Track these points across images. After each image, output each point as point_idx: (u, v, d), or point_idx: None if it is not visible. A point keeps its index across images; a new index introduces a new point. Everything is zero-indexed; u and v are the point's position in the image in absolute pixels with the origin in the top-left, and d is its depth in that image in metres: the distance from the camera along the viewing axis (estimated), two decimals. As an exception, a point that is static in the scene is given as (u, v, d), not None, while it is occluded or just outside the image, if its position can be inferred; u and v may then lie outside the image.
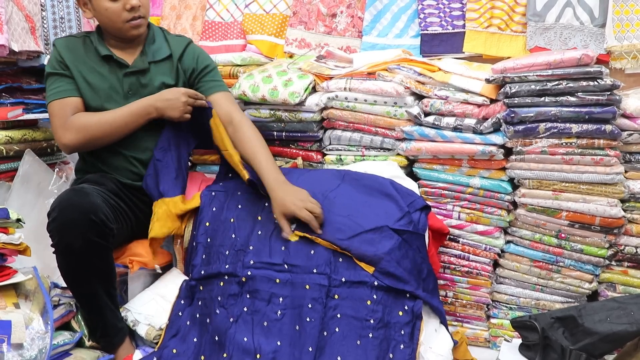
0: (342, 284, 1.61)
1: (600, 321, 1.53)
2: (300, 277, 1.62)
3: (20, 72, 2.43)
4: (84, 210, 1.59)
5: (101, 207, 1.63)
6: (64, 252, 1.63)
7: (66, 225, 1.59)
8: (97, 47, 1.90)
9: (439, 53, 2.29)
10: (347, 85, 2.03)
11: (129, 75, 1.91)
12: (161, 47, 1.97)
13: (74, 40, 1.92)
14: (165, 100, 1.85)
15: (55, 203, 1.63)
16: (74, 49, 1.90)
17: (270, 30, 2.47)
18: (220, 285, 1.69)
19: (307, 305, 1.59)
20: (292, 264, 1.65)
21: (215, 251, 1.75)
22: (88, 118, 1.84)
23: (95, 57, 1.90)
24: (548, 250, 1.89)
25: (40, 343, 1.57)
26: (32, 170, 2.14)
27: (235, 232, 1.76)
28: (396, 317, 1.58)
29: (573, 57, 1.78)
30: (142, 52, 1.94)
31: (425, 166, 2.00)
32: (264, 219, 1.76)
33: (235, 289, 1.67)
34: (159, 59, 1.95)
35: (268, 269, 1.65)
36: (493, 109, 1.89)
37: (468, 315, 2.02)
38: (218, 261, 1.73)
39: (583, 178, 1.80)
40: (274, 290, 1.63)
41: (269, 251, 1.68)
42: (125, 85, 1.91)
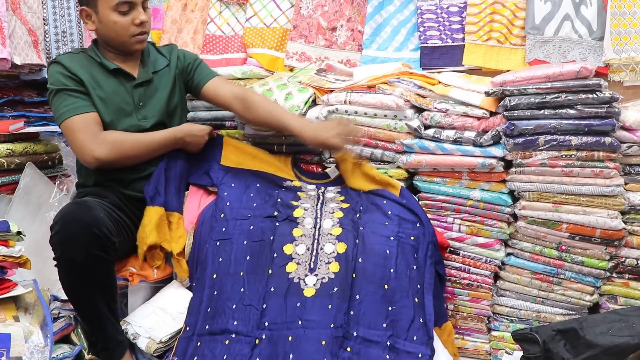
0: (355, 338, 1.57)
1: (602, 334, 1.52)
2: (317, 333, 1.56)
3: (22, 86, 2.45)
4: (87, 224, 1.59)
5: (104, 221, 1.63)
6: (66, 265, 1.63)
7: (69, 239, 1.59)
8: (102, 62, 1.91)
9: (438, 66, 2.30)
10: (347, 99, 2.04)
11: (138, 87, 1.94)
12: (157, 58, 2.03)
13: (76, 57, 1.92)
14: (193, 136, 1.99)
15: (58, 216, 1.63)
16: (80, 63, 1.89)
17: (270, 44, 2.49)
18: (225, 344, 1.60)
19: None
20: (308, 319, 1.58)
21: (222, 305, 1.67)
22: (123, 136, 1.88)
23: (101, 72, 1.91)
24: (549, 262, 1.89)
25: (39, 356, 1.56)
26: (33, 183, 2.15)
27: (245, 287, 1.68)
28: None
29: (572, 70, 1.79)
30: (142, 63, 1.98)
31: (425, 179, 2.00)
32: (275, 272, 1.69)
33: (245, 349, 1.58)
34: (159, 69, 2.01)
35: (282, 329, 1.59)
36: (493, 122, 1.90)
37: (469, 327, 2.02)
38: (224, 315, 1.65)
39: (583, 190, 1.80)
40: (287, 349, 1.55)
41: (284, 310, 1.62)
42: (135, 97, 1.94)
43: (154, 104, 1.97)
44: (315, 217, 1.81)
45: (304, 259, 1.71)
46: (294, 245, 1.74)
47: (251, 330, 1.60)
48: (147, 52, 2.01)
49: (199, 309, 1.71)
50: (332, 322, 1.57)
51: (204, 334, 1.66)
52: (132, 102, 1.93)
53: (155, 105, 1.97)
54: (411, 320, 1.62)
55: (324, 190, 1.96)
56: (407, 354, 1.57)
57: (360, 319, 1.60)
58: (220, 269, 1.75)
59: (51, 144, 2.40)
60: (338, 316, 1.58)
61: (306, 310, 1.60)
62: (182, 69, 2.07)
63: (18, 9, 2.27)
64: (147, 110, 1.96)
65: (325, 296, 1.62)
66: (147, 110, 1.96)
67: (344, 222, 1.78)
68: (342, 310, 1.59)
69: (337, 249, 1.71)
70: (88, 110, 1.85)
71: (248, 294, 1.66)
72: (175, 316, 1.78)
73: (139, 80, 1.95)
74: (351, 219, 1.78)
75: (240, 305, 1.65)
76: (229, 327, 1.62)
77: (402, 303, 1.64)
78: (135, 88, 1.94)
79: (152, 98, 1.97)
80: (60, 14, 2.52)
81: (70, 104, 1.84)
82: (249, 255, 1.75)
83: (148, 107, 1.96)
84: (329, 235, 1.75)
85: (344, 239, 1.73)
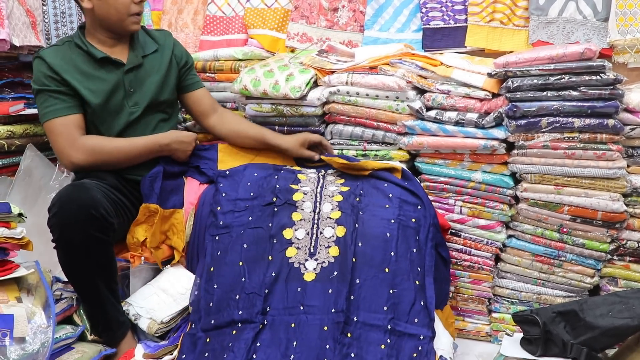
0: (355, 323, 1.57)
1: (602, 315, 1.53)
2: (319, 319, 1.56)
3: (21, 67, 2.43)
4: (84, 205, 1.59)
5: (101, 202, 1.63)
6: (65, 247, 1.63)
7: (66, 221, 1.59)
8: (90, 51, 1.86)
9: (441, 47, 2.28)
10: (348, 80, 2.03)
11: (128, 73, 1.91)
12: (146, 42, 1.99)
13: (61, 49, 1.87)
14: (180, 143, 1.94)
15: (55, 198, 1.63)
16: (64, 58, 1.84)
17: (271, 25, 2.46)
18: (232, 334, 1.60)
19: (325, 347, 1.52)
20: (309, 305, 1.59)
21: (226, 297, 1.67)
22: (102, 142, 1.85)
23: (89, 62, 1.87)
24: (550, 244, 1.89)
25: (42, 337, 1.57)
26: (33, 165, 2.15)
27: (245, 276, 1.68)
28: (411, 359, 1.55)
29: (576, 51, 1.77)
30: (132, 47, 1.94)
31: (427, 160, 1.99)
32: (275, 258, 1.69)
33: (249, 335, 1.58)
34: (149, 52, 1.97)
35: (284, 315, 1.59)
36: (495, 103, 1.89)
37: (470, 309, 2.03)
38: (229, 307, 1.65)
39: (585, 172, 1.79)
40: (290, 336, 1.55)
41: (285, 295, 1.62)
42: (126, 83, 1.90)
43: (145, 90, 1.93)
44: (314, 200, 1.80)
45: (303, 244, 1.71)
46: (293, 229, 1.74)
47: (255, 317, 1.60)
48: (136, 35, 1.96)
49: (200, 305, 1.70)
50: (332, 307, 1.58)
51: (210, 329, 1.65)
52: (123, 88, 1.90)
53: (146, 90, 1.94)
54: (412, 303, 1.63)
55: (324, 173, 1.95)
56: (408, 336, 1.58)
57: (360, 303, 1.60)
58: (219, 262, 1.74)
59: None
60: (339, 301, 1.58)
61: (307, 295, 1.61)
62: (182, 62, 2.05)
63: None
64: (138, 96, 1.92)
65: (325, 280, 1.62)
66: (138, 96, 1.92)
67: (344, 206, 1.77)
68: (342, 294, 1.59)
69: (337, 232, 1.71)
70: (68, 112, 1.82)
71: (249, 282, 1.66)
72: (176, 297, 1.79)
73: (128, 66, 1.91)
74: (351, 202, 1.78)
75: (243, 294, 1.65)
76: (235, 318, 1.63)
77: (403, 286, 1.64)
78: (125, 74, 1.90)
79: (143, 83, 1.94)
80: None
81: (50, 105, 1.81)
82: (246, 243, 1.74)
83: (139, 93, 1.92)
84: (329, 219, 1.74)
85: (343, 223, 1.72)
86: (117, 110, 1.89)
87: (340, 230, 1.71)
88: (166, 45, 2.02)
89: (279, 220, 1.75)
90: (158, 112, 1.99)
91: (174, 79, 2.02)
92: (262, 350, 1.54)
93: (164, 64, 1.99)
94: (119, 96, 1.89)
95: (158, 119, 1.99)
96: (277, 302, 1.62)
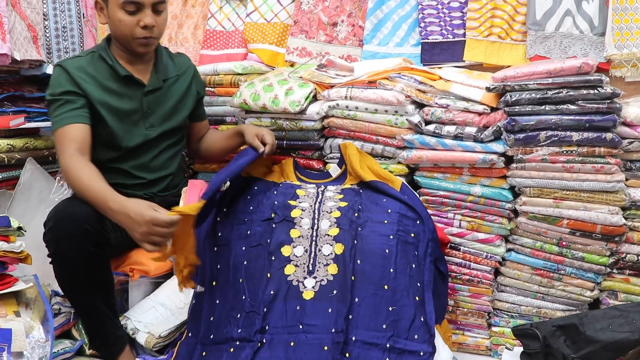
0: (354, 342, 1.56)
1: (602, 329, 1.53)
2: (318, 338, 1.55)
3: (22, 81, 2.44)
4: (79, 220, 1.58)
5: (97, 216, 1.61)
6: (60, 262, 1.63)
7: (61, 236, 1.58)
8: (114, 66, 1.84)
9: (439, 62, 2.29)
10: (348, 94, 2.03)
11: (148, 95, 1.90)
12: (168, 65, 1.98)
13: (83, 61, 1.84)
14: (126, 217, 1.52)
15: (51, 213, 1.63)
16: (86, 70, 1.82)
17: (271, 39, 2.48)
18: (230, 352, 1.60)
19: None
20: (308, 324, 1.58)
21: (226, 314, 1.67)
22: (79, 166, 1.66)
23: (111, 77, 1.85)
24: (549, 258, 1.89)
25: (40, 351, 1.56)
26: (33, 179, 2.14)
27: (245, 294, 1.67)
28: None
29: (573, 66, 1.78)
30: (155, 68, 1.93)
31: (426, 174, 2.00)
32: (273, 275, 1.68)
33: (247, 353, 1.57)
34: (169, 77, 1.97)
35: (283, 334, 1.58)
36: (494, 117, 1.89)
37: (469, 323, 2.02)
38: (229, 325, 1.65)
39: (584, 186, 1.80)
40: (289, 355, 1.54)
41: (284, 313, 1.61)
42: (144, 105, 1.89)
43: (160, 112, 1.93)
44: (312, 217, 1.79)
45: (302, 261, 1.70)
46: (291, 247, 1.73)
47: (253, 335, 1.59)
48: (160, 56, 1.95)
49: (201, 316, 1.70)
50: (333, 327, 1.56)
51: (208, 343, 1.65)
52: (140, 109, 1.89)
53: (162, 114, 1.94)
54: (412, 319, 1.62)
55: (324, 189, 1.95)
56: (408, 353, 1.57)
57: (359, 323, 1.59)
58: (220, 277, 1.73)
59: (52, 140, 2.39)
60: (339, 320, 1.57)
61: (306, 314, 1.60)
62: (200, 91, 2.10)
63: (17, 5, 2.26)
64: (154, 119, 1.92)
65: (324, 299, 1.61)
66: (154, 119, 1.92)
67: (342, 222, 1.76)
68: (342, 314, 1.58)
69: (335, 250, 1.70)
70: (71, 122, 1.74)
71: (249, 301, 1.65)
72: (174, 311, 1.78)
73: (149, 88, 1.90)
74: (349, 218, 1.77)
75: (244, 313, 1.64)
76: (233, 335, 1.62)
77: (402, 302, 1.64)
78: (145, 95, 1.90)
79: (160, 106, 1.93)
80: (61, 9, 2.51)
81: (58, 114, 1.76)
82: (246, 260, 1.73)
83: (155, 115, 1.92)
84: (327, 237, 1.74)
85: (342, 240, 1.72)
86: (132, 129, 1.88)
87: (338, 247, 1.70)
88: (187, 73, 2.03)
89: (277, 237, 1.74)
90: (169, 136, 1.98)
91: (188, 108, 2.04)
92: None
93: (182, 91, 1.99)
94: (136, 116, 1.88)
95: (167, 143, 1.98)
96: (276, 320, 1.61)
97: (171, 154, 2.01)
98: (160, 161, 1.97)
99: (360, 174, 1.92)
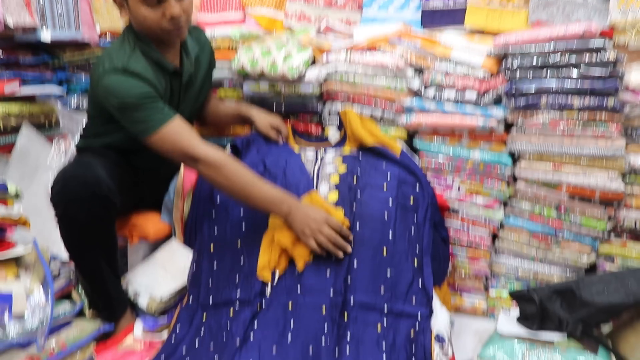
0: (351, 305, 1.57)
1: (598, 293, 1.54)
2: (317, 300, 1.56)
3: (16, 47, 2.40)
4: (88, 183, 1.59)
5: (105, 181, 1.62)
6: (67, 224, 1.63)
7: (70, 198, 1.59)
8: (161, 62, 1.73)
9: (440, 26, 2.25)
10: (347, 59, 2.01)
11: (184, 85, 1.85)
12: (190, 44, 1.86)
13: (138, 58, 1.69)
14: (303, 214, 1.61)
15: (59, 175, 1.63)
16: (145, 66, 1.69)
17: (269, 4, 2.44)
18: (230, 314, 1.61)
19: (322, 328, 1.52)
20: (307, 287, 1.58)
21: (225, 277, 1.68)
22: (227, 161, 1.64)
23: (160, 70, 1.74)
24: (547, 223, 1.90)
25: (41, 314, 1.57)
26: (30, 144, 2.13)
27: (244, 257, 1.69)
28: (409, 337, 1.55)
29: (576, 31, 1.76)
30: (184, 52, 1.82)
31: (425, 139, 1.99)
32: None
33: (246, 315, 1.58)
34: (196, 57, 1.90)
35: (282, 295, 1.59)
36: (494, 83, 1.88)
37: (467, 286, 2.03)
38: (228, 287, 1.66)
39: (584, 152, 1.79)
40: (287, 316, 1.55)
41: (283, 276, 1.62)
42: (180, 95, 1.86)
43: (191, 97, 1.90)
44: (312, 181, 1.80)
45: None
46: None
47: (253, 297, 1.60)
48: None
49: (200, 280, 1.71)
50: (330, 289, 1.58)
51: (209, 307, 1.66)
52: (177, 96, 1.84)
53: (192, 97, 1.91)
54: (410, 282, 1.63)
55: (323, 153, 1.94)
56: (405, 315, 1.58)
57: (357, 286, 1.60)
58: (218, 241, 1.74)
59: (48, 105, 2.37)
60: (336, 283, 1.58)
61: (304, 276, 1.61)
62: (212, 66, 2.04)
63: (10, -33, 2.21)
64: (185, 105, 1.88)
65: (322, 263, 1.62)
66: (185, 105, 1.88)
67: (341, 187, 1.76)
68: (340, 277, 1.59)
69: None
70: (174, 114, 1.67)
71: (248, 264, 1.66)
72: (175, 274, 1.79)
73: (185, 77, 1.82)
74: (348, 183, 1.77)
75: (242, 275, 1.65)
76: (232, 297, 1.63)
77: (401, 266, 1.64)
78: (182, 86, 1.84)
79: (189, 89, 1.88)
80: (54, -28, 2.45)
81: (152, 114, 1.64)
82: (244, 224, 1.74)
83: (186, 102, 1.88)
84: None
85: (341, 205, 1.72)
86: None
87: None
88: (205, 48, 1.97)
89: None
90: (193, 115, 1.98)
91: (209, 86, 2.03)
92: (259, 330, 1.54)
93: (204, 68, 1.95)
94: (173, 103, 1.82)
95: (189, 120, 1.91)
96: (275, 283, 1.62)
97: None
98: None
99: (362, 137, 1.91)
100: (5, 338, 1.48)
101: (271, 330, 1.54)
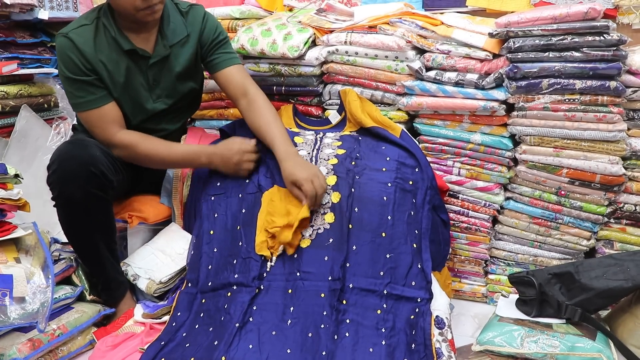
0: (351, 289, 1.57)
1: (597, 277, 1.54)
2: (315, 285, 1.56)
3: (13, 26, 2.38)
4: (84, 162, 1.59)
5: (100, 159, 1.62)
6: (64, 204, 1.63)
7: (66, 178, 1.59)
8: (117, 40, 1.71)
9: (441, 6, 2.23)
10: (347, 39, 1.99)
11: (153, 67, 1.79)
12: (177, 26, 1.81)
13: (89, 31, 1.70)
14: (220, 157, 1.79)
15: (54, 156, 1.62)
16: (93, 42, 1.69)
17: (269, -17, 2.40)
18: (227, 296, 1.61)
19: (321, 312, 1.52)
20: (305, 271, 1.58)
21: (224, 261, 1.68)
22: (138, 141, 1.75)
23: (116, 49, 1.72)
24: (547, 207, 1.89)
25: (41, 297, 1.58)
26: (29, 126, 2.13)
27: (242, 240, 1.68)
28: (408, 321, 1.55)
29: (579, 11, 1.73)
30: (160, 34, 1.78)
31: (426, 121, 1.98)
32: None
33: (245, 298, 1.57)
34: (177, 40, 1.81)
35: (281, 280, 1.59)
36: (496, 64, 1.86)
37: (466, 270, 2.04)
38: (226, 271, 1.66)
39: (585, 135, 1.78)
40: (287, 301, 1.55)
41: (282, 261, 1.62)
42: (150, 76, 1.79)
43: (168, 81, 1.82)
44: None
45: None
46: None
47: (251, 281, 1.61)
48: (166, 17, 1.78)
49: (200, 265, 1.71)
50: (329, 275, 1.57)
51: (207, 290, 1.67)
52: (146, 82, 1.79)
53: (169, 82, 1.83)
54: (409, 266, 1.63)
55: (323, 135, 1.93)
56: (405, 299, 1.59)
57: (356, 270, 1.60)
58: (217, 225, 1.74)
59: (46, 87, 2.36)
60: (335, 268, 1.58)
61: (303, 261, 1.61)
62: (208, 41, 1.86)
63: (6, -56, 2.18)
64: (162, 89, 1.83)
65: (321, 247, 1.62)
66: (162, 89, 1.83)
67: (339, 170, 1.75)
68: (338, 262, 1.59)
69: (332, 199, 1.69)
70: (101, 103, 1.71)
71: (246, 247, 1.66)
72: (174, 257, 1.80)
73: (154, 60, 1.77)
74: (346, 166, 1.76)
75: (240, 258, 1.65)
76: (230, 280, 1.63)
77: (400, 249, 1.64)
78: (150, 67, 1.78)
79: (169, 74, 1.82)
80: (50, -51, 2.42)
81: (82, 96, 1.70)
82: (244, 208, 1.73)
83: (162, 86, 1.82)
84: None
85: (339, 188, 1.71)
86: (139, 102, 1.80)
87: (335, 196, 1.69)
88: (195, 29, 1.84)
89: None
90: (179, 103, 1.90)
91: (200, 70, 1.92)
92: (258, 313, 1.55)
93: (191, 52, 1.84)
94: (144, 89, 1.79)
95: (177, 110, 1.91)
96: (274, 267, 1.62)
97: (183, 118, 1.97)
98: (169, 125, 1.92)
99: (361, 119, 1.90)
100: (7, 321, 1.49)
101: (270, 315, 1.54)
